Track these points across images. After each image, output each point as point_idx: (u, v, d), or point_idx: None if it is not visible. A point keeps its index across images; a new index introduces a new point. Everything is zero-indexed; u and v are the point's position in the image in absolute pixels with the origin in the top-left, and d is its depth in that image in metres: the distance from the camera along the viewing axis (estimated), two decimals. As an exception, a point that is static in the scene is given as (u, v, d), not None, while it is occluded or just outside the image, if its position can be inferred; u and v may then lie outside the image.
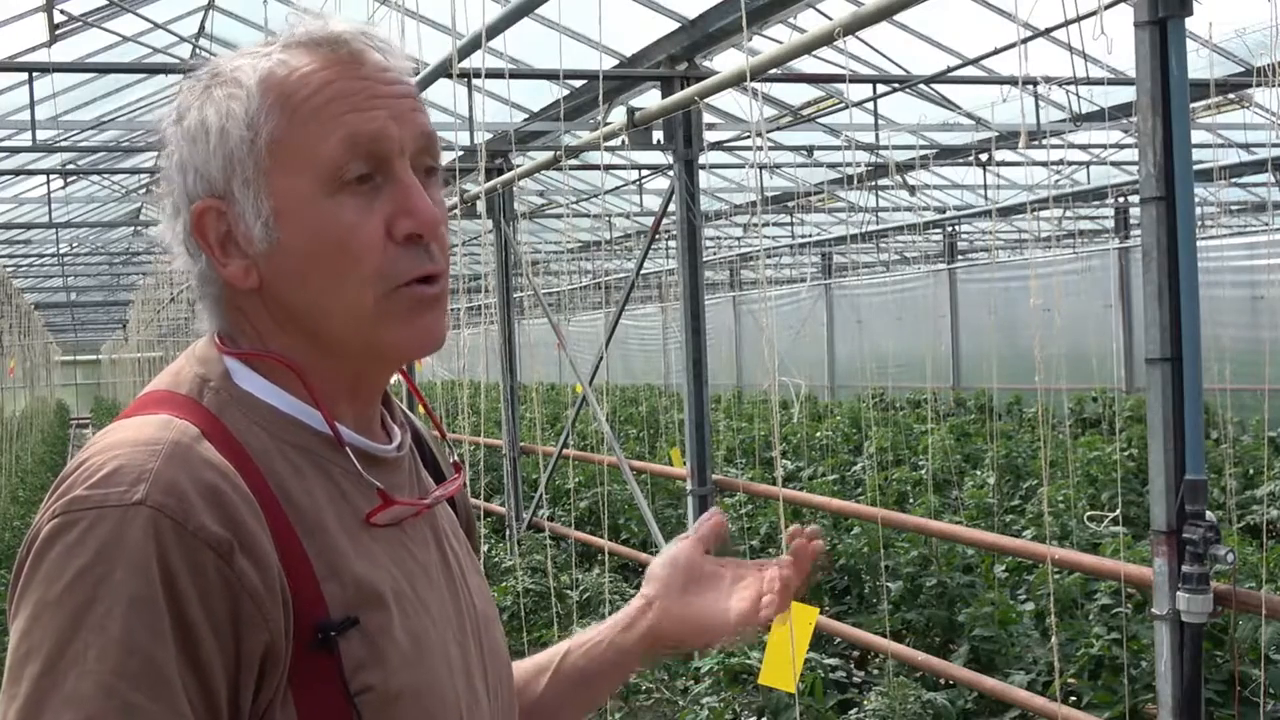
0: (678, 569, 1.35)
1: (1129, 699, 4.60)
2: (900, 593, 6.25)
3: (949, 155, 11.58)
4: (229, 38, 10.70)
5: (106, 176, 14.83)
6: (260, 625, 0.96)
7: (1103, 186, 12.00)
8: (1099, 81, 6.43)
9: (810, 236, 18.39)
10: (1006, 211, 14.22)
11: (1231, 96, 9.41)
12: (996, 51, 6.53)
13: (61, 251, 20.12)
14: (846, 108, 8.49)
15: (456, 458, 1.28)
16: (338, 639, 1.00)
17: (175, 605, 0.92)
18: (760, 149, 7.33)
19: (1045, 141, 10.69)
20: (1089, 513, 5.87)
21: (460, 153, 8.72)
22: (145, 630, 0.90)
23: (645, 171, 11.09)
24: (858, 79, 7.84)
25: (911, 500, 8.87)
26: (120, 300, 30.39)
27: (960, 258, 19.66)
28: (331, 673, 0.99)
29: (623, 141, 6.47)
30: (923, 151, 11.23)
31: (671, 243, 12.78)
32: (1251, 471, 8.65)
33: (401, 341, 1.07)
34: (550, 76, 6.78)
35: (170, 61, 10.25)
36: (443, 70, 5.17)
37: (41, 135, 8.54)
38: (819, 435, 12.00)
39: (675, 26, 6.76)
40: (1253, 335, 11.70)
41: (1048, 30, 5.50)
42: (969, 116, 9.85)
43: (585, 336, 21.99)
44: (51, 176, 12.37)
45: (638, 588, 1.39)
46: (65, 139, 11.32)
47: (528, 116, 8.83)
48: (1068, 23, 3.91)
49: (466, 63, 5.34)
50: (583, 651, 1.36)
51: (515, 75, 7.32)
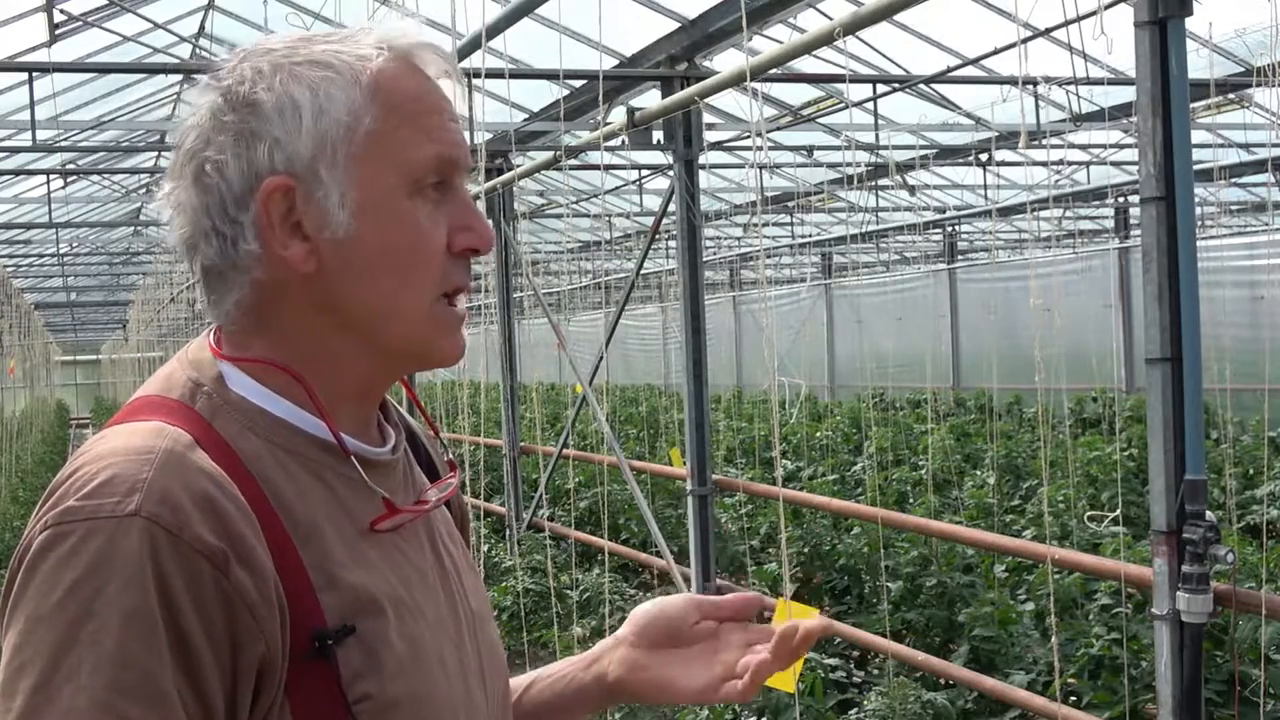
0: (659, 619, 1.28)
1: (1129, 699, 4.60)
2: (900, 593, 6.25)
3: (949, 155, 11.58)
4: (229, 38, 10.70)
5: (106, 176, 14.83)
6: (257, 636, 0.95)
7: (1103, 186, 12.00)
8: (1099, 81, 6.43)
9: (810, 236, 18.39)
10: (1006, 211, 14.22)
11: (1231, 96, 9.42)
12: (996, 51, 6.53)
13: (61, 251, 20.12)
14: (846, 108, 8.49)
15: (450, 456, 1.27)
16: (335, 648, 0.99)
17: (171, 618, 0.91)
18: (760, 149, 7.33)
19: (1045, 141, 10.69)
20: (1089, 513, 5.87)
21: (460, 153, 8.71)
22: (140, 644, 0.90)
23: (645, 171, 11.09)
24: (858, 79, 7.84)
25: (911, 500, 8.87)
26: (120, 300, 30.40)
27: (960, 258, 19.66)
28: (328, 682, 0.99)
29: (623, 141, 6.47)
30: (923, 151, 11.23)
31: (671, 243, 12.78)
32: (1251, 471, 8.66)
33: (444, 349, 1.10)
34: (550, 76, 6.78)
35: (170, 61, 10.25)
36: (443, 70, 5.17)
37: (41, 135, 8.54)
38: (819, 435, 12.01)
39: (675, 26, 6.76)
40: (1253, 335, 11.71)
41: (1048, 30, 5.50)
42: (969, 116, 9.85)
43: (585, 336, 21.99)
44: (51, 176, 12.37)
45: (638, 588, 1.37)
46: (65, 139, 11.32)
47: (528, 116, 8.83)
48: (1068, 23, 3.91)
49: (466, 63, 5.34)
50: (547, 684, 1.33)
51: (515, 75, 7.32)
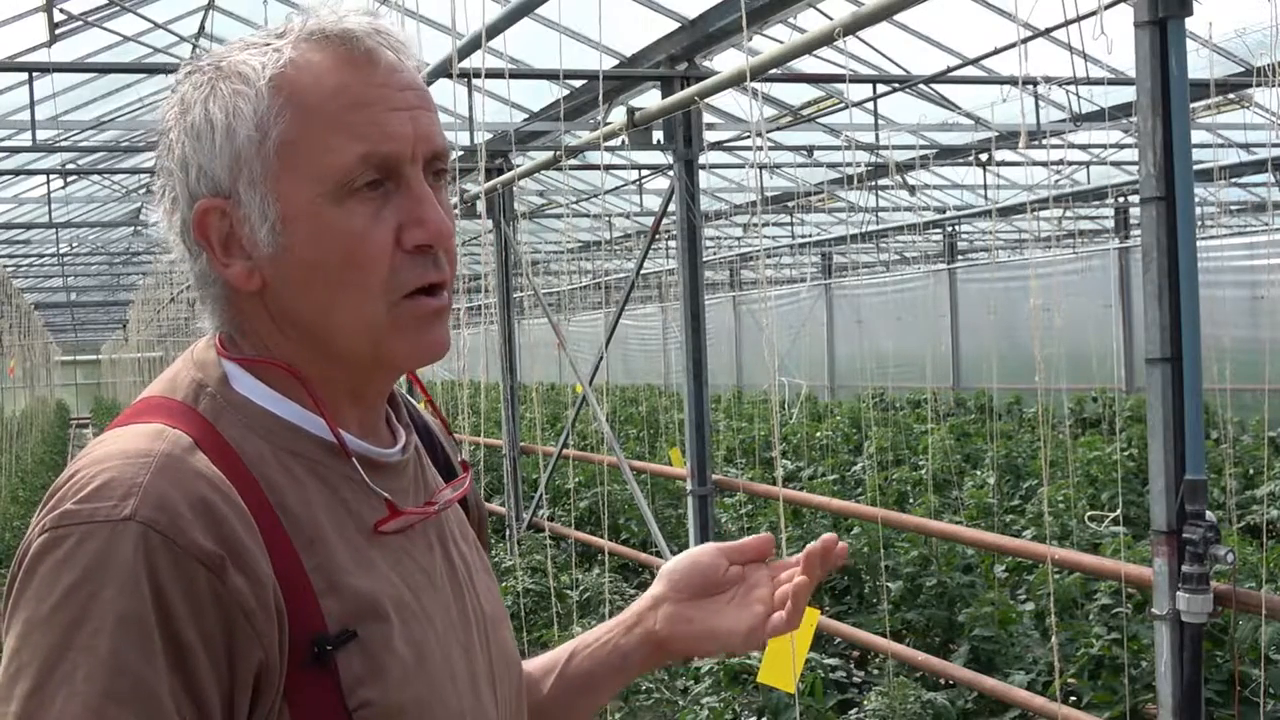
0: (693, 571, 1.28)
1: (1129, 699, 4.60)
2: (900, 593, 6.25)
3: (949, 155, 11.58)
4: (229, 38, 10.70)
5: (106, 176, 14.83)
6: (254, 642, 0.94)
7: (1103, 186, 12.00)
8: (1099, 81, 6.43)
9: (810, 236, 18.39)
10: (1006, 211, 14.22)
11: (1231, 96, 9.42)
12: (996, 51, 6.53)
13: (61, 251, 20.12)
14: (846, 108, 8.49)
15: (464, 457, 1.26)
16: (335, 654, 0.97)
17: (166, 623, 0.90)
18: (760, 149, 7.33)
19: (1045, 141, 10.69)
20: (1089, 513, 5.87)
21: (460, 153, 8.72)
22: (134, 650, 0.89)
23: (645, 171, 11.09)
24: (858, 79, 7.84)
25: (911, 500, 8.87)
26: (120, 300, 30.40)
27: (960, 258, 19.66)
28: (328, 688, 0.97)
29: (623, 141, 6.47)
30: (923, 151, 11.23)
31: (671, 243, 12.78)
32: (1251, 471, 8.65)
33: (407, 353, 1.05)
34: (550, 76, 6.78)
35: (170, 61, 10.25)
36: (443, 70, 5.18)
37: (41, 135, 8.54)
38: (819, 435, 12.01)
39: (675, 26, 6.76)
40: (1253, 335, 11.70)
41: (1048, 30, 5.50)
42: (969, 116, 9.85)
43: (585, 336, 21.99)
44: (51, 176, 12.37)
45: (638, 588, 1.37)
46: (65, 139, 11.32)
47: (528, 116, 8.83)
48: (1068, 23, 3.91)
49: (466, 63, 5.34)
50: (588, 653, 1.31)
51: (515, 75, 7.32)
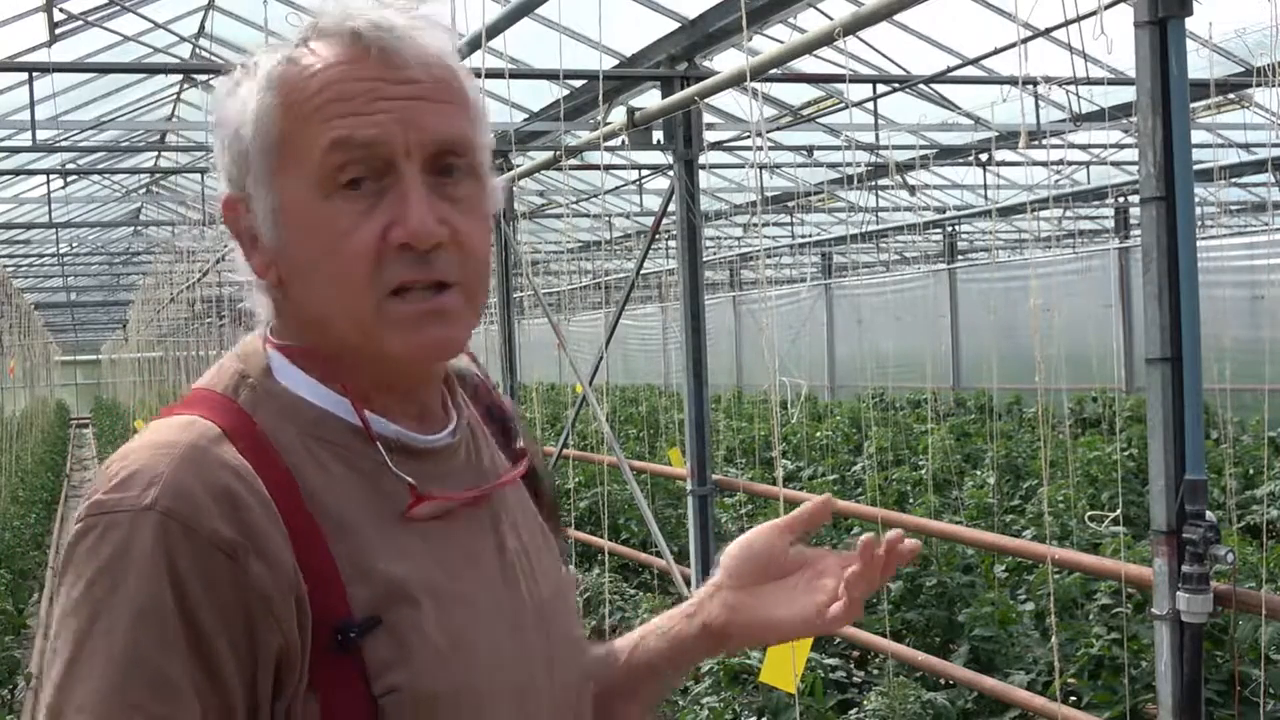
0: (748, 556, 1.24)
1: (1129, 699, 4.60)
2: (900, 593, 6.25)
3: (949, 155, 11.58)
4: (229, 38, 10.69)
5: (106, 176, 14.82)
6: (274, 629, 0.95)
7: (1103, 186, 11.99)
8: (1099, 81, 6.43)
9: (810, 236, 18.38)
10: (1006, 211, 14.21)
11: (1231, 96, 9.42)
12: (996, 51, 6.53)
13: (61, 251, 20.12)
14: (846, 108, 8.49)
15: (523, 441, 1.23)
16: (361, 640, 0.98)
17: (185, 611, 0.92)
18: (760, 149, 7.33)
19: (1045, 141, 10.69)
20: (1089, 513, 5.87)
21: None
22: (152, 637, 0.91)
23: (645, 171, 11.09)
24: (858, 79, 7.84)
25: (911, 500, 8.87)
26: (120, 300, 30.40)
27: (960, 258, 19.66)
28: (354, 674, 0.98)
29: (623, 141, 6.47)
30: (923, 151, 11.23)
31: (671, 243, 12.78)
32: (1251, 471, 8.65)
33: (400, 349, 1.04)
34: (550, 76, 6.78)
35: (170, 61, 10.24)
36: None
37: (41, 135, 8.54)
38: (819, 435, 12.00)
39: (675, 26, 6.76)
40: (1253, 335, 11.70)
41: (1048, 30, 5.50)
42: (969, 116, 9.85)
43: (585, 336, 21.98)
44: (51, 176, 12.37)
45: (638, 588, 1.36)
46: (65, 139, 11.32)
47: (528, 116, 8.83)
48: (1068, 23, 3.91)
49: (466, 62, 5.33)
50: (652, 640, 1.28)
51: (515, 75, 7.32)
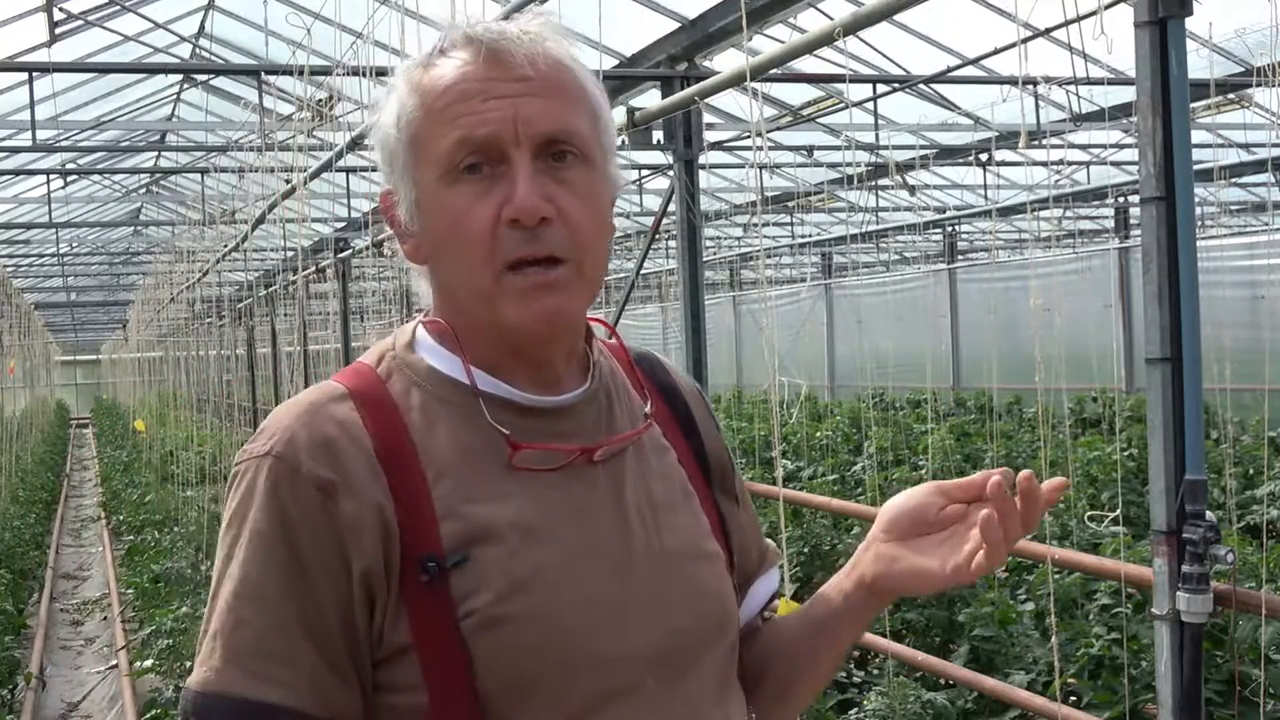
0: (904, 510, 1.28)
1: (1129, 699, 4.60)
2: (900, 593, 6.24)
3: (949, 155, 11.58)
4: (229, 38, 10.70)
5: (106, 176, 14.82)
6: (361, 554, 1.13)
7: (1103, 186, 11.99)
8: (1099, 81, 6.43)
9: (810, 236, 18.38)
10: (1006, 211, 14.22)
11: (1231, 96, 9.42)
12: (996, 51, 6.53)
13: (61, 251, 20.12)
14: (846, 108, 8.50)
15: (650, 409, 1.32)
16: (448, 571, 1.13)
17: (287, 536, 1.13)
18: (760, 149, 7.32)
19: (1045, 141, 10.69)
20: (1089, 513, 5.87)
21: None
22: (260, 557, 1.13)
23: (645, 171, 11.10)
24: (858, 79, 7.84)
25: (911, 500, 8.85)
26: (120, 300, 30.40)
27: (960, 258, 19.65)
28: (441, 599, 1.13)
29: (623, 141, 6.47)
30: (923, 151, 11.23)
31: (671, 243, 12.78)
32: (1251, 471, 8.65)
33: (516, 319, 1.18)
34: (550, 76, 6.76)
35: (170, 61, 10.25)
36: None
37: (41, 135, 8.54)
38: (819, 435, 12.00)
39: (675, 26, 6.77)
40: (1253, 335, 11.70)
41: (1048, 30, 5.50)
42: (969, 116, 9.86)
43: (585, 336, 21.94)
44: (51, 176, 12.37)
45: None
46: (65, 139, 11.32)
47: (528, 116, 8.82)
48: (1068, 23, 3.91)
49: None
50: (825, 595, 1.35)
51: (515, 75, 7.31)
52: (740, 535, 1.40)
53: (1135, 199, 11.02)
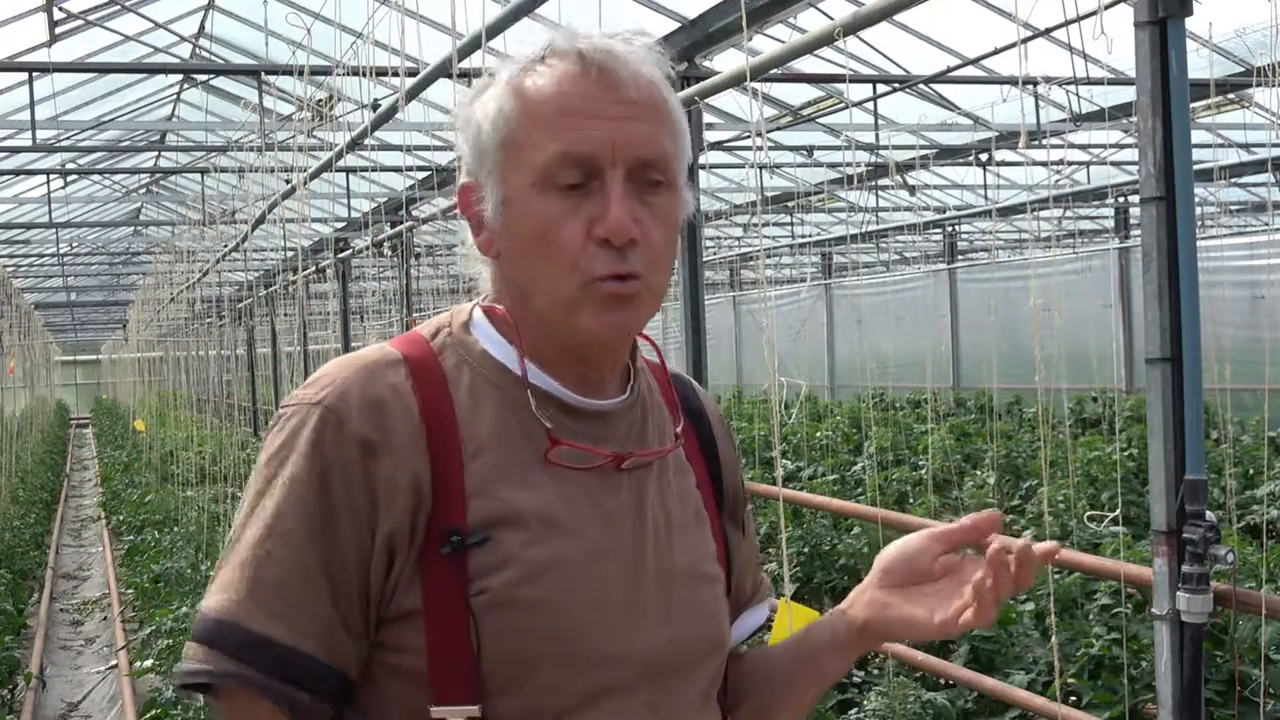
0: (900, 559, 1.33)
1: (1129, 699, 4.60)
2: (900, 593, 6.24)
3: (949, 155, 11.58)
4: (229, 38, 10.69)
5: (106, 176, 14.82)
6: (390, 514, 1.17)
7: (1103, 186, 11.98)
8: (1099, 81, 6.43)
9: (810, 236, 18.38)
10: (1006, 211, 14.22)
11: (1231, 96, 9.42)
12: (996, 51, 6.54)
13: (61, 251, 20.12)
14: (846, 108, 8.50)
15: (679, 429, 1.36)
16: (467, 547, 1.17)
17: (324, 487, 1.17)
18: (760, 149, 7.33)
19: (1045, 141, 10.69)
20: (1089, 513, 5.87)
21: (458, 155, 8.70)
22: (294, 501, 1.17)
23: (645, 171, 11.06)
24: (858, 79, 7.85)
25: (911, 500, 8.87)
26: (120, 300, 30.40)
27: (960, 258, 19.65)
28: (456, 573, 1.17)
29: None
30: (923, 151, 11.23)
31: (671, 243, 12.76)
32: (1251, 471, 8.65)
33: (590, 325, 1.22)
34: (550, 76, 6.77)
35: (170, 61, 10.25)
36: (443, 70, 5.17)
37: (41, 135, 8.55)
38: (819, 435, 12.00)
39: (675, 26, 6.76)
40: (1253, 335, 11.70)
41: (1048, 30, 5.51)
42: (969, 116, 9.86)
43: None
44: (51, 176, 12.37)
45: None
46: (65, 139, 11.32)
47: (528, 116, 8.82)
48: (1068, 23, 3.91)
49: (466, 63, 5.33)
50: (816, 630, 1.40)
51: (515, 75, 7.31)
52: (740, 565, 1.43)
53: (1135, 199, 11.02)
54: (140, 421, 20.38)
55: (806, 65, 7.71)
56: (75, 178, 13.99)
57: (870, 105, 8.11)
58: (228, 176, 10.57)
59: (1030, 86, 7.74)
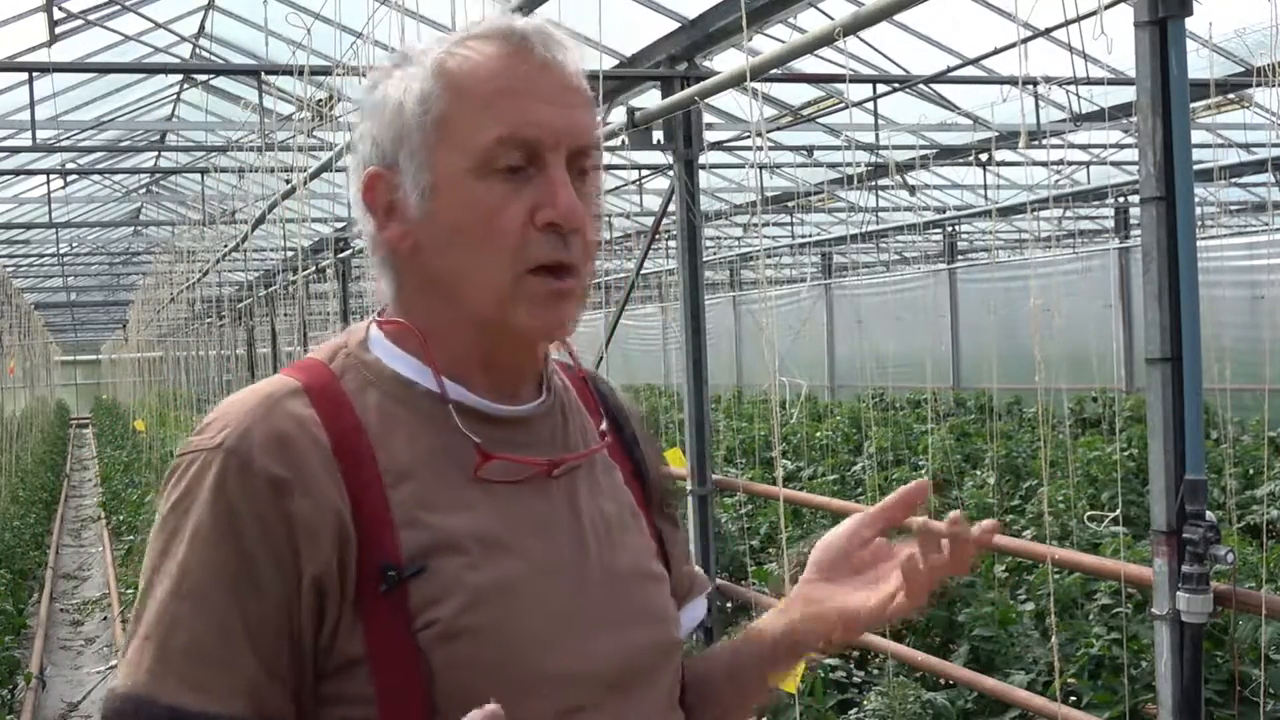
0: (829, 550, 1.29)
1: (1129, 699, 4.60)
2: (900, 593, 6.24)
3: (949, 155, 11.57)
4: (229, 38, 10.69)
5: (106, 176, 14.81)
6: (314, 557, 1.07)
7: (1103, 186, 11.98)
8: (1099, 81, 6.42)
9: (810, 236, 18.38)
10: (1006, 211, 14.20)
11: (1231, 96, 9.41)
12: (996, 51, 6.53)
13: (61, 251, 20.12)
14: (846, 108, 8.49)
15: (603, 427, 1.31)
16: (406, 581, 1.09)
17: (235, 535, 1.07)
18: (760, 149, 7.33)
19: (1045, 141, 10.68)
20: (1089, 513, 5.87)
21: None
22: (201, 554, 1.07)
23: (645, 171, 11.09)
24: (858, 79, 7.83)
25: (911, 500, 8.84)
26: (120, 300, 30.39)
27: (960, 258, 19.65)
28: (398, 610, 1.09)
29: (623, 141, 6.46)
30: (923, 151, 11.22)
31: (671, 243, 12.78)
32: (1251, 471, 8.65)
33: (527, 322, 1.16)
34: (550, 76, 6.76)
35: (170, 61, 10.24)
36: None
37: (41, 135, 8.54)
38: (819, 435, 12.00)
39: (675, 26, 6.76)
40: (1253, 335, 11.69)
41: (1048, 30, 5.50)
42: (969, 116, 9.85)
43: (585, 336, 21.96)
44: (51, 176, 12.36)
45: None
46: (65, 139, 11.31)
47: (528, 116, 8.81)
48: (1068, 23, 3.91)
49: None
50: (755, 632, 1.34)
51: (515, 75, 7.31)
52: (676, 559, 1.37)
53: (1135, 199, 11.02)
54: (140, 421, 20.38)
55: (806, 65, 7.70)
56: (75, 178, 13.99)
57: (870, 105, 8.10)
58: (228, 176, 10.56)
59: (1030, 86, 7.73)
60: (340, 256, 12.81)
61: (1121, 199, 14.22)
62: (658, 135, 6.42)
